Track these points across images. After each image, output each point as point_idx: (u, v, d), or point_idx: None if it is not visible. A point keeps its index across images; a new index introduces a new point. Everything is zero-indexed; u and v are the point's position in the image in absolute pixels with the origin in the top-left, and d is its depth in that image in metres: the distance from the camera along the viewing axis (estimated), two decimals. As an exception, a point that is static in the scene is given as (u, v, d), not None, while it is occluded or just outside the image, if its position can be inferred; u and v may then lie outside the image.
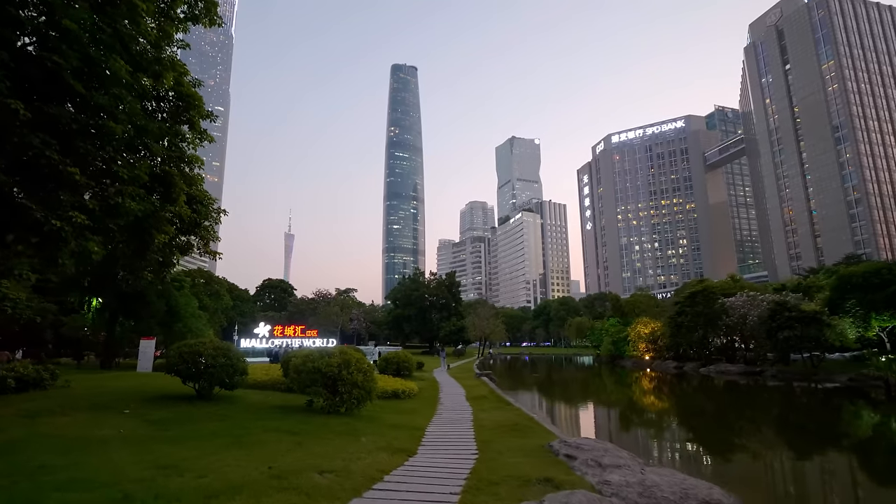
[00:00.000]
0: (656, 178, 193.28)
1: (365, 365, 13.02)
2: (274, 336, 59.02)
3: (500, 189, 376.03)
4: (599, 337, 59.93)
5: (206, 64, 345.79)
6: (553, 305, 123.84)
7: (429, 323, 79.40)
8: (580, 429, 18.06)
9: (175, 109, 16.44)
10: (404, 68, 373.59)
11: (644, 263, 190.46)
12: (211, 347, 12.62)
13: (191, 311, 37.34)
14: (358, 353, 13.45)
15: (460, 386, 24.04)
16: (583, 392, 32.74)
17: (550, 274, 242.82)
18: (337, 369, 12.29)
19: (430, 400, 18.11)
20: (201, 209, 17.82)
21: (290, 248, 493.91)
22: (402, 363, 27.84)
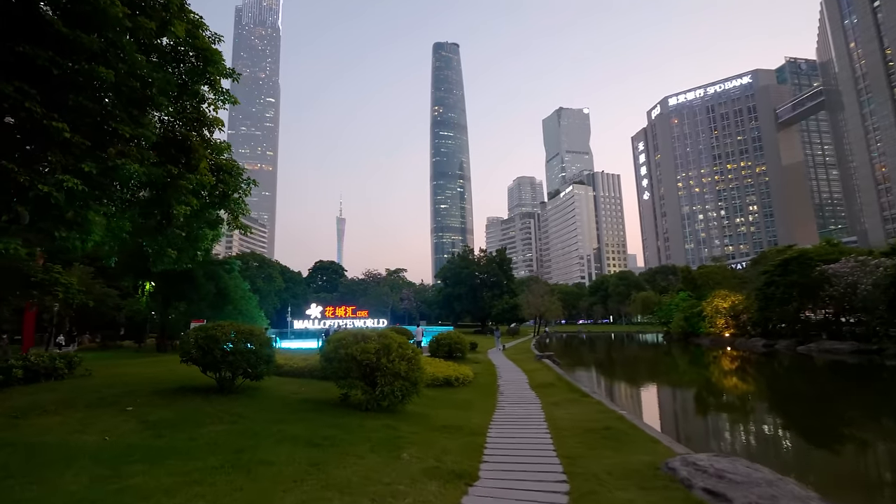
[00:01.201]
0: (720, 141, 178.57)
1: (409, 351, 10.59)
2: (325, 317, 58.87)
3: (549, 163, 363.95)
4: (668, 312, 54.94)
5: (257, 58, 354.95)
6: (611, 280, 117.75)
7: (480, 301, 76.98)
8: (690, 433, 13.78)
9: (192, 68, 14.30)
10: (446, 46, 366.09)
11: (709, 233, 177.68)
12: (231, 332, 10.61)
13: (241, 293, 36.83)
14: (401, 337, 11.04)
15: (520, 370, 21.37)
16: (665, 377, 28.73)
17: (605, 248, 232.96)
18: (375, 357, 9.93)
19: (487, 389, 15.57)
20: (229, 180, 15.89)
21: (342, 231, 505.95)
22: (455, 344, 25.57)
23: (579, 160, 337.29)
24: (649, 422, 11.91)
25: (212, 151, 16.04)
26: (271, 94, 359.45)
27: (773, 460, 9.96)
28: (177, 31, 12.19)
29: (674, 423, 14.95)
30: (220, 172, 15.98)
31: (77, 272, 35.76)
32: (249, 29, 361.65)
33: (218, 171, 15.95)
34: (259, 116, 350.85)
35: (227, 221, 17.07)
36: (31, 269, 24.56)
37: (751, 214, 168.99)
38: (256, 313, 39.21)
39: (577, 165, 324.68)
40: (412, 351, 10.68)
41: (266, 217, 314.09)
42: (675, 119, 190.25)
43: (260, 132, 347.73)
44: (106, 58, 10.59)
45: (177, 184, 13.37)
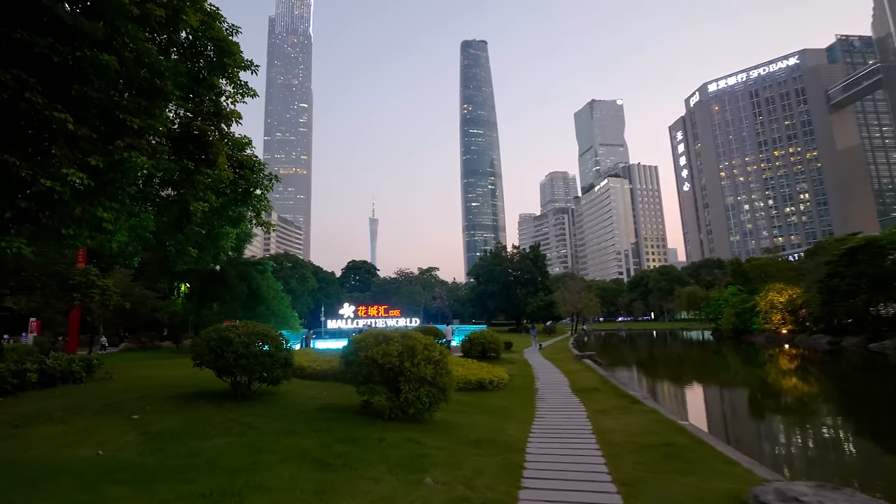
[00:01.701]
0: (766, 127, 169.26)
1: (436, 353, 9.49)
2: (358, 317, 58.76)
3: (582, 157, 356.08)
4: (717, 308, 51.61)
5: (290, 65, 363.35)
6: (651, 275, 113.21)
7: (514, 299, 75.23)
8: (766, 450, 11.30)
9: (209, 61, 13.71)
10: (474, 44, 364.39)
11: (756, 224, 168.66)
12: (244, 333, 9.84)
13: (273, 294, 36.79)
14: (427, 338, 9.97)
15: (559, 371, 19.93)
16: (720, 379, 26.28)
17: (644, 242, 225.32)
18: (397, 360, 8.89)
19: (524, 393, 14.30)
20: (250, 176, 15.30)
21: (374, 232, 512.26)
22: (488, 344, 24.36)
23: (614, 153, 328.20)
24: (724, 437, 10.36)
25: (232, 146, 15.48)
26: (304, 99, 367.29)
27: (887, 490, 8.25)
28: (190, 20, 11.58)
29: (743, 436, 13.11)
30: (242, 168, 15.45)
31: (117, 275, 36.70)
32: (282, 38, 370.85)
33: (239, 168, 15.42)
34: (293, 122, 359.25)
35: (249, 219, 16.50)
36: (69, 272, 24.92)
37: (802, 203, 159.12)
38: (289, 313, 39.17)
39: (611, 158, 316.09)
40: (439, 353, 9.57)
41: (301, 219, 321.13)
42: (715, 106, 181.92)
43: (294, 137, 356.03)
44: (112, 46, 9.98)
45: (194, 179, 12.81)
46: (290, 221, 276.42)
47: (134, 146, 9.96)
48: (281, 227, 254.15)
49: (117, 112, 10.05)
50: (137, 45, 10.34)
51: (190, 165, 12.98)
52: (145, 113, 10.72)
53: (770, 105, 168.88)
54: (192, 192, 12.60)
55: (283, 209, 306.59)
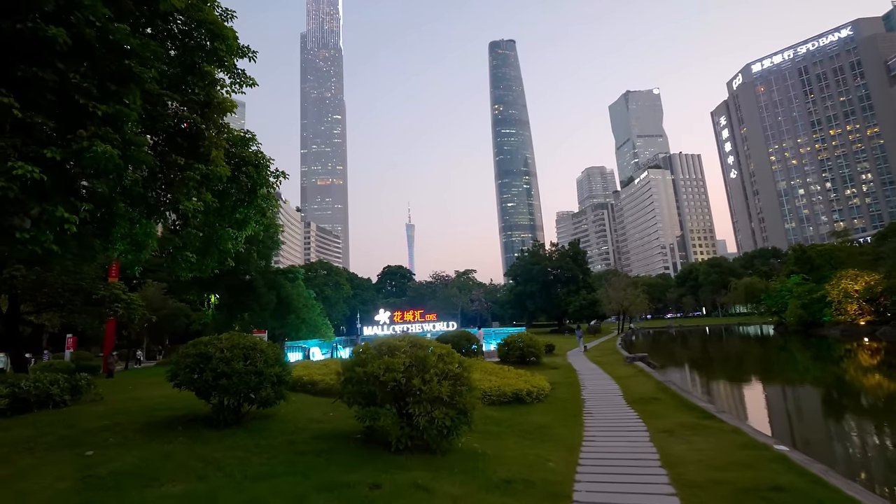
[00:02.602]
0: (819, 105, 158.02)
1: (454, 365, 7.58)
2: (394, 322, 57.60)
3: (619, 150, 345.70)
4: (780, 300, 46.83)
5: (322, 79, 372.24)
6: (701, 268, 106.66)
7: (554, 298, 72.07)
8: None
9: (198, 45, 12.39)
10: (502, 44, 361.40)
11: (813, 209, 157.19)
12: (227, 347, 8.30)
13: (303, 302, 36.02)
14: (444, 346, 8.09)
15: (608, 377, 17.53)
16: (794, 380, 22.78)
17: (690, 235, 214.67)
18: (404, 376, 7.07)
19: (569, 406, 12.13)
20: (253, 173, 13.96)
21: (412, 237, 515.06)
22: (527, 348, 22.20)
23: (652, 144, 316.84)
24: (821, 459, 7.90)
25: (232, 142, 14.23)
26: (337, 111, 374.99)
27: None
28: (174, 0, 10.28)
29: (855, 462, 10.34)
30: (245, 165, 14.14)
31: (150, 288, 36.90)
32: (314, 53, 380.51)
33: (242, 164, 14.13)
34: (328, 134, 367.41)
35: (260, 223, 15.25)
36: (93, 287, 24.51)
37: (864, 184, 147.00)
38: (320, 322, 38.34)
39: (650, 150, 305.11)
40: (459, 365, 7.66)
41: (339, 228, 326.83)
42: (760, 87, 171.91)
43: (329, 148, 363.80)
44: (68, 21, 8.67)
45: (183, 175, 11.51)
46: (328, 231, 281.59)
47: (100, 136, 8.63)
48: (320, 237, 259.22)
49: (77, 97, 8.73)
50: (102, 21, 9.02)
51: (178, 160, 11.70)
52: (114, 99, 9.42)
53: (822, 82, 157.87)
54: (182, 191, 11.31)
55: (321, 219, 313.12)
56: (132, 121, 9.61)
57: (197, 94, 12.46)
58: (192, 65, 12.46)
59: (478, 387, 12.73)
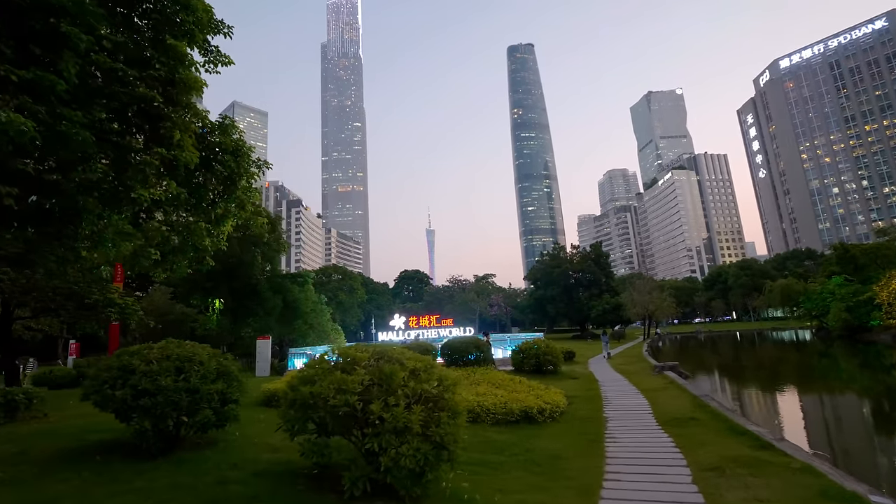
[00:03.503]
0: (852, 100, 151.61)
1: (433, 383, 5.80)
2: (409, 327, 56.19)
3: (641, 152, 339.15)
4: (820, 302, 43.35)
5: (342, 87, 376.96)
6: (730, 271, 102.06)
7: (576, 303, 69.41)
8: None
9: (168, 19, 11.04)
10: (520, 48, 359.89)
11: (849, 208, 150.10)
12: (157, 358, 6.71)
13: (311, 307, 34.62)
14: (422, 358, 6.32)
15: (635, 389, 15.43)
16: (862, 396, 20.32)
17: (717, 237, 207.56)
18: (360, 400, 5.33)
19: (588, 427, 10.16)
20: (230, 161, 12.54)
21: (432, 243, 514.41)
22: (543, 356, 20.19)
23: (676, 144, 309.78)
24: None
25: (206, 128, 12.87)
26: (357, 119, 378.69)
27: None
28: None
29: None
30: (221, 153, 12.71)
31: (156, 293, 36.15)
32: (334, 62, 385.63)
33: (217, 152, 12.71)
34: (348, 141, 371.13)
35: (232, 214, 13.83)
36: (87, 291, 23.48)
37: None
38: (329, 327, 36.94)
39: (673, 151, 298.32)
40: (438, 384, 5.87)
41: (360, 234, 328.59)
42: (789, 83, 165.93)
43: (350, 156, 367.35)
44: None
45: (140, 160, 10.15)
46: (348, 237, 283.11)
47: (16, 106, 7.27)
48: (340, 243, 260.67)
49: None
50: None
51: (133, 142, 10.32)
52: (39, 65, 8.04)
53: (855, 76, 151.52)
54: (138, 177, 9.91)
55: (342, 226, 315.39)
56: (59, 92, 8.16)
57: (158, 69, 11.03)
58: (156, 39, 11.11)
59: (481, 403, 10.95)
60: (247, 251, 29.07)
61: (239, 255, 28.91)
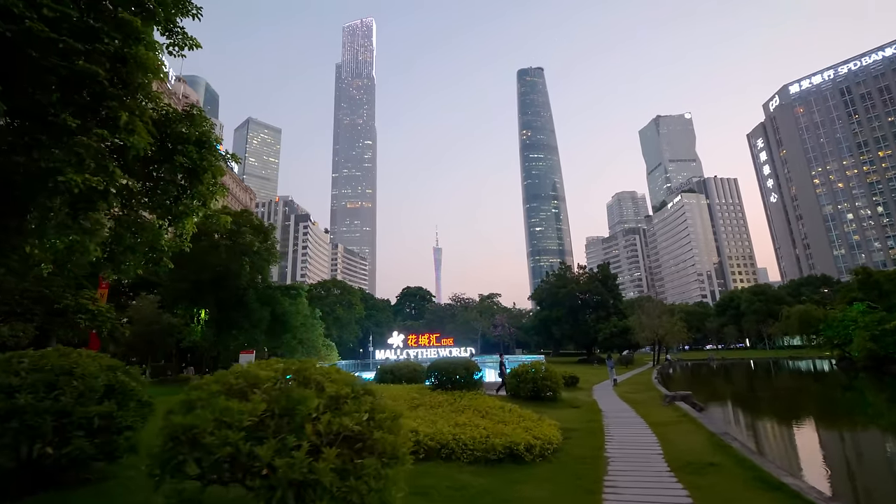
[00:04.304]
0: (864, 126, 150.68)
1: (360, 417, 4.18)
2: (408, 346, 54.37)
3: (650, 175, 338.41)
4: (842, 330, 40.86)
5: (355, 106, 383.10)
6: (743, 296, 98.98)
7: (582, 325, 67.05)
8: None
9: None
10: (530, 71, 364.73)
11: (864, 235, 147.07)
12: (26, 370, 5.19)
13: (302, 320, 33.04)
14: (349, 382, 4.72)
15: (643, 422, 13.55)
16: (881, 431, 18.30)
17: (728, 262, 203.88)
18: (247, 440, 3.73)
19: (584, 471, 8.38)
20: (192, 153, 11.22)
21: (438, 261, 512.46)
22: (542, 381, 18.39)
23: (685, 168, 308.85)
24: None
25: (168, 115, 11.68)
26: (368, 137, 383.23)
27: None
28: None
29: None
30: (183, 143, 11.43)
31: (144, 302, 34.80)
32: (348, 82, 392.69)
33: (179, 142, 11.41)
34: (358, 158, 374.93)
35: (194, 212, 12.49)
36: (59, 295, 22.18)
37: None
38: (320, 343, 35.27)
39: (682, 174, 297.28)
40: (369, 418, 4.25)
41: (367, 251, 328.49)
42: (799, 108, 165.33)
43: (360, 173, 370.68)
44: None
45: (73, 140, 8.88)
46: (354, 253, 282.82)
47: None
48: (346, 258, 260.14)
49: None
50: None
51: (69, 121, 9.01)
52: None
53: (867, 102, 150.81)
54: (71, 160, 8.66)
55: (350, 241, 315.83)
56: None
57: (106, 44, 9.78)
58: (108, 12, 9.97)
59: (458, 436, 9.18)
60: (234, 260, 27.72)
61: (226, 263, 27.57)
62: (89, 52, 9.30)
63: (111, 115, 9.73)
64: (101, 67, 9.27)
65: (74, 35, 9.19)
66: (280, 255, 32.98)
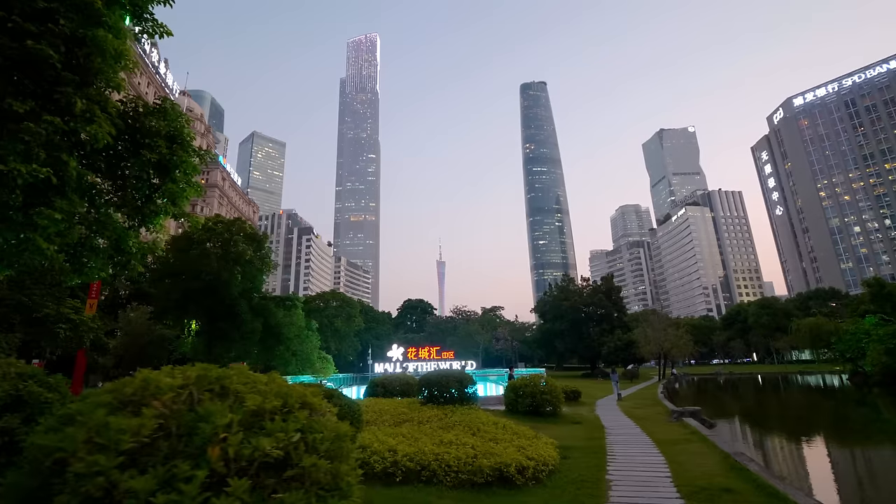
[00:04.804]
0: (870, 138, 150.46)
1: (289, 436, 3.27)
2: (407, 359, 53.16)
3: (654, 188, 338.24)
4: (855, 344, 39.40)
5: (359, 120, 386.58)
6: (750, 309, 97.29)
7: (586, 338, 65.70)
8: None
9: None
10: (533, 85, 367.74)
11: (872, 248, 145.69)
12: None
13: (296, 332, 32.07)
14: (290, 393, 3.82)
15: (649, 440, 12.48)
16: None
17: (734, 275, 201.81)
18: (121, 470, 2.82)
19: (582, 497, 7.37)
20: (162, 147, 10.48)
21: (442, 275, 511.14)
22: (541, 395, 17.35)
23: (689, 181, 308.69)
24: None
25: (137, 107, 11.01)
26: (372, 150, 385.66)
27: None
28: None
29: None
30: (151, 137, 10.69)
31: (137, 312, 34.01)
32: (352, 96, 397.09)
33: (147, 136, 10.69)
34: (362, 172, 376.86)
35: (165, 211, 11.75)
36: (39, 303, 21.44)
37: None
38: (314, 355, 34.26)
39: (686, 187, 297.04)
40: (300, 439, 3.35)
41: (370, 264, 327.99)
42: (804, 121, 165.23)
43: (363, 186, 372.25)
44: None
45: (18, 126, 8.16)
46: (357, 266, 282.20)
47: None
48: (349, 271, 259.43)
49: None
50: None
51: (15, 106, 8.31)
52: None
53: (872, 114, 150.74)
54: (17, 147, 7.96)
55: (353, 255, 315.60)
56: None
57: (62, 25, 9.13)
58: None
59: (441, 456, 8.16)
60: (226, 269, 26.95)
61: (217, 272, 26.79)
62: (42, 33, 8.63)
63: (65, 101, 9.04)
64: (54, 50, 8.59)
65: (25, 15, 8.54)
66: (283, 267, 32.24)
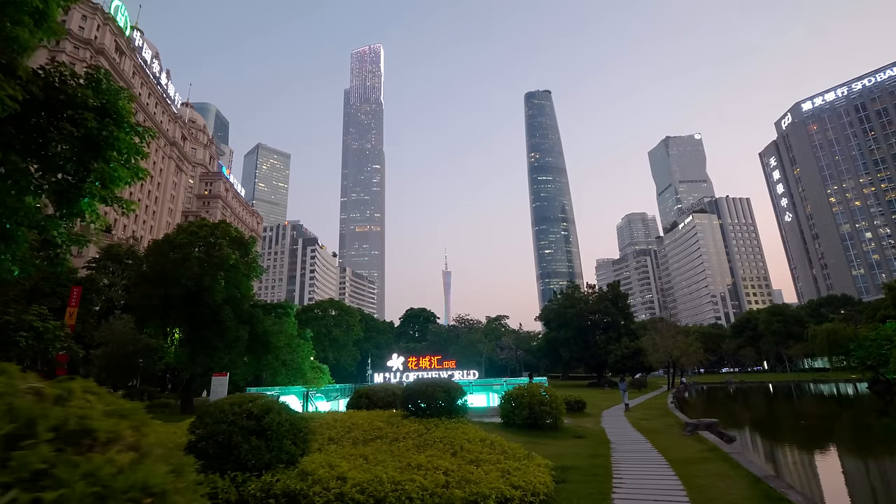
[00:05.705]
0: (881, 143, 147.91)
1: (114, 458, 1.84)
2: (408, 368, 51.41)
3: (660, 196, 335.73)
4: (877, 351, 37.15)
5: (363, 131, 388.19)
6: (761, 317, 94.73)
7: (592, 346, 63.69)
8: None
9: None
10: (537, 94, 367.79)
11: (884, 254, 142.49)
12: None
13: (286, 341, 30.55)
14: (114, 409, 2.37)
15: (661, 458, 10.83)
16: None
17: (742, 283, 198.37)
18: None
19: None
20: (89, 119, 9.01)
21: (447, 285, 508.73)
22: (539, 406, 15.72)
23: (696, 189, 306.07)
24: None
25: (56, 70, 9.67)
26: (377, 161, 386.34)
27: None
28: None
29: None
30: (76, 109, 9.28)
31: (122, 321, 32.70)
32: (356, 107, 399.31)
33: (69, 105, 9.31)
34: (367, 182, 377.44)
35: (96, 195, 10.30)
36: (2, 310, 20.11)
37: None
38: (306, 365, 32.69)
39: (693, 195, 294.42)
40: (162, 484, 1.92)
41: (376, 274, 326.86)
42: (813, 125, 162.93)
43: (368, 196, 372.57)
44: None
45: None
46: (363, 276, 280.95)
47: None
48: (354, 282, 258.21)
49: None
50: None
51: None
52: None
53: (882, 118, 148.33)
54: None
55: (359, 265, 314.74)
56: None
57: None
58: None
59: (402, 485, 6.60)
60: (208, 274, 25.58)
61: (199, 277, 25.43)
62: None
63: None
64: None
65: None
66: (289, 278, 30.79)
